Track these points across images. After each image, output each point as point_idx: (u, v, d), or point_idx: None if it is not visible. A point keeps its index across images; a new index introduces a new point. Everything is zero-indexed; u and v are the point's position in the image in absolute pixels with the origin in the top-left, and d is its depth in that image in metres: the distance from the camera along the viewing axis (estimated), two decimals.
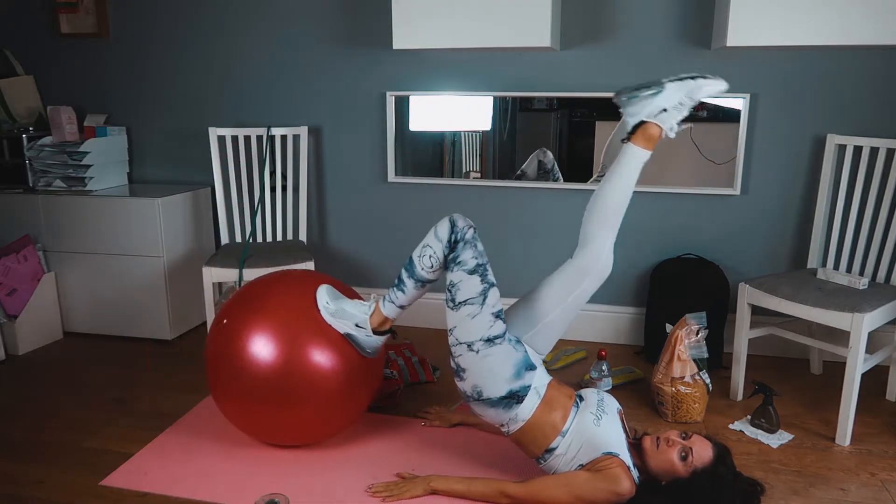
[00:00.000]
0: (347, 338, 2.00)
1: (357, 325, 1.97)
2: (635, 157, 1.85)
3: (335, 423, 2.08)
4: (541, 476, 1.82)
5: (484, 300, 1.82)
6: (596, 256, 1.84)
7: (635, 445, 1.81)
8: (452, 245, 1.85)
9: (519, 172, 2.99)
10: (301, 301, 2.03)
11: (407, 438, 2.20)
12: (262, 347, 1.93)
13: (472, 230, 1.86)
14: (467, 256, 1.83)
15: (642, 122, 1.85)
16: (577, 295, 1.86)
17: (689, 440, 1.74)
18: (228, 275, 2.70)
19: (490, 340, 1.81)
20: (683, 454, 1.71)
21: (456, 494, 1.84)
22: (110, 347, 3.02)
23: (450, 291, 1.85)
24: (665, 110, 1.83)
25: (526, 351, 1.87)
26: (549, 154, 2.92)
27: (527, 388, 1.82)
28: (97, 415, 2.39)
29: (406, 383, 2.57)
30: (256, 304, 2.02)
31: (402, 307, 1.97)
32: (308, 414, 1.98)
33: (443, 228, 1.87)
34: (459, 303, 1.83)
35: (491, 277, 1.85)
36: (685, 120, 1.89)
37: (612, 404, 1.90)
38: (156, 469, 2.03)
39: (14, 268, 2.94)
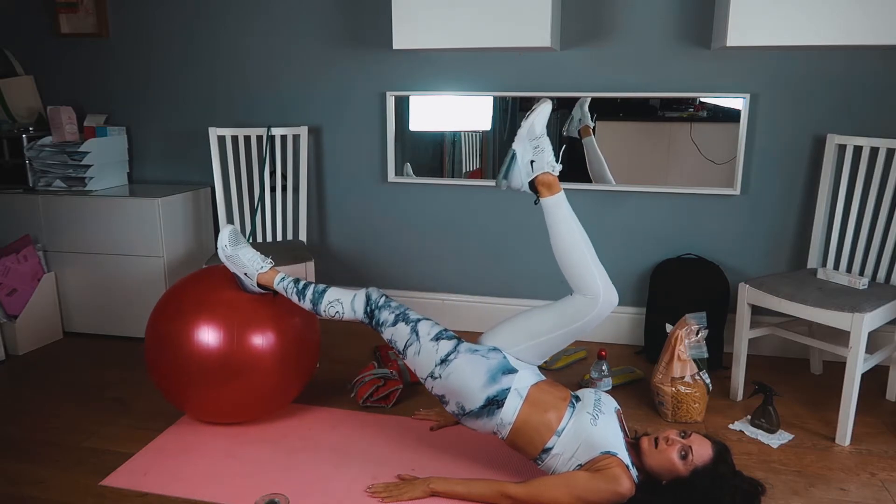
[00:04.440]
0: (234, 276, 2.19)
1: (245, 275, 2.15)
2: (554, 205, 1.95)
3: (280, 392, 2.22)
4: (541, 477, 1.82)
5: (417, 335, 1.95)
6: (594, 296, 1.89)
7: (634, 445, 1.81)
8: (370, 314, 2.01)
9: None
10: (228, 291, 2.18)
11: (406, 439, 2.20)
12: (200, 334, 2.06)
13: (384, 297, 2.04)
14: (385, 315, 2.00)
15: (532, 182, 1.96)
16: (582, 325, 1.91)
17: (689, 439, 1.74)
18: None
19: (444, 361, 1.89)
20: (683, 453, 1.70)
21: (456, 496, 1.84)
22: (110, 347, 3.02)
23: (393, 346, 2.01)
24: (532, 161, 1.95)
25: (504, 357, 1.90)
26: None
27: (505, 391, 1.85)
28: (97, 415, 2.39)
29: (406, 383, 2.57)
30: (181, 306, 2.14)
31: (288, 297, 2.13)
32: (252, 386, 2.11)
33: (359, 304, 2.03)
34: (403, 349, 1.98)
35: (414, 316, 2.00)
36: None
37: (610, 404, 1.90)
38: (156, 469, 2.03)
39: (14, 268, 2.93)
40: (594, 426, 1.79)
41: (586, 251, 1.90)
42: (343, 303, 2.04)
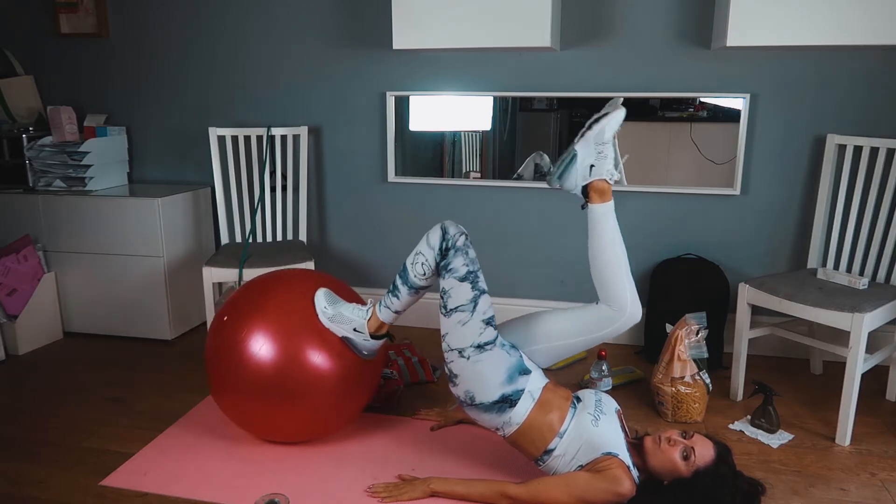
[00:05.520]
0: (345, 341, 2.01)
1: (355, 330, 1.99)
2: (601, 213, 1.89)
3: (332, 422, 2.09)
4: (541, 477, 1.82)
5: (475, 307, 1.84)
6: (621, 309, 1.86)
7: (636, 445, 1.81)
8: (444, 252, 1.86)
9: (515, 175, 2.99)
10: (302, 301, 2.04)
11: (407, 439, 2.20)
12: (262, 345, 1.94)
13: (463, 237, 1.87)
14: (458, 264, 1.85)
15: (586, 186, 1.89)
16: (600, 336, 1.90)
17: (691, 440, 1.74)
18: (228, 275, 2.70)
19: (481, 347, 1.82)
20: (685, 454, 1.70)
21: (456, 496, 1.84)
22: (110, 347, 3.02)
23: (442, 298, 1.87)
24: (593, 165, 1.88)
25: (521, 356, 1.88)
26: (546, 157, 2.92)
27: (520, 392, 1.82)
28: (97, 415, 2.39)
29: (406, 383, 2.57)
30: (258, 303, 2.03)
31: (397, 312, 1.99)
32: (306, 412, 1.99)
33: (434, 236, 1.88)
34: (451, 309, 1.85)
35: (482, 285, 1.87)
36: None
37: (611, 404, 1.90)
38: (156, 469, 2.03)
39: (14, 268, 2.93)
40: (595, 427, 1.79)
41: (623, 264, 1.88)
42: (422, 251, 1.89)
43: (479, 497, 1.82)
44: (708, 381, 2.33)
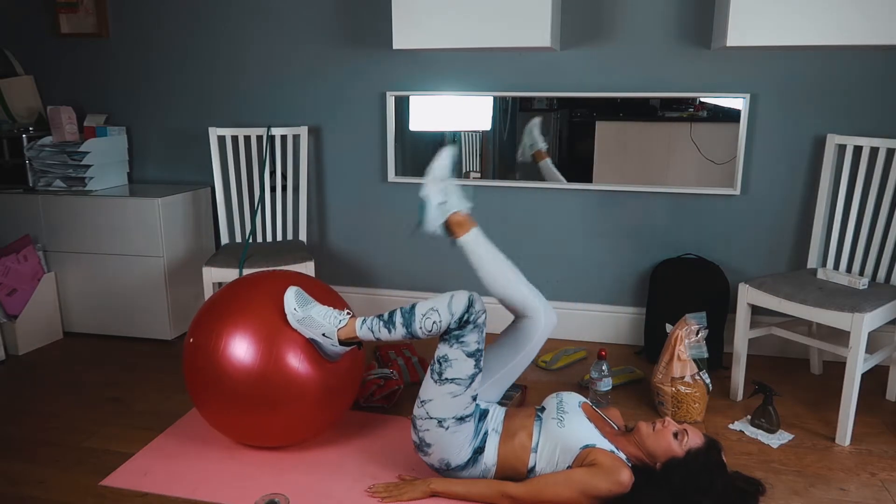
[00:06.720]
0: (312, 342, 1.97)
1: (324, 335, 1.95)
2: (471, 242, 2.04)
3: (313, 426, 2.08)
4: (540, 476, 1.82)
5: (470, 384, 1.83)
6: (535, 313, 1.97)
7: (629, 432, 1.85)
8: (462, 323, 1.81)
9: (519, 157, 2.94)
10: (275, 304, 2.00)
11: (407, 439, 2.19)
12: (238, 352, 1.92)
13: (484, 315, 1.84)
14: (472, 339, 1.81)
15: (445, 223, 2.06)
16: (529, 350, 1.99)
17: (683, 426, 1.80)
18: (228, 275, 2.70)
19: (462, 419, 1.84)
20: (677, 433, 1.75)
21: (456, 496, 1.84)
22: (110, 347, 3.02)
23: (439, 364, 1.83)
24: (444, 202, 2.06)
25: (478, 405, 1.92)
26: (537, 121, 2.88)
27: (485, 437, 1.87)
28: (97, 415, 2.39)
29: (406, 383, 2.57)
30: (227, 312, 1.99)
31: (377, 339, 1.92)
32: (286, 417, 1.98)
33: (459, 304, 1.81)
34: (446, 379, 1.82)
35: (482, 363, 1.86)
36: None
37: (572, 401, 1.94)
38: (156, 469, 2.03)
39: (14, 268, 2.93)
40: (562, 428, 1.82)
41: (515, 275, 1.98)
42: (439, 310, 1.80)
43: (479, 497, 1.82)
44: (708, 381, 2.33)
